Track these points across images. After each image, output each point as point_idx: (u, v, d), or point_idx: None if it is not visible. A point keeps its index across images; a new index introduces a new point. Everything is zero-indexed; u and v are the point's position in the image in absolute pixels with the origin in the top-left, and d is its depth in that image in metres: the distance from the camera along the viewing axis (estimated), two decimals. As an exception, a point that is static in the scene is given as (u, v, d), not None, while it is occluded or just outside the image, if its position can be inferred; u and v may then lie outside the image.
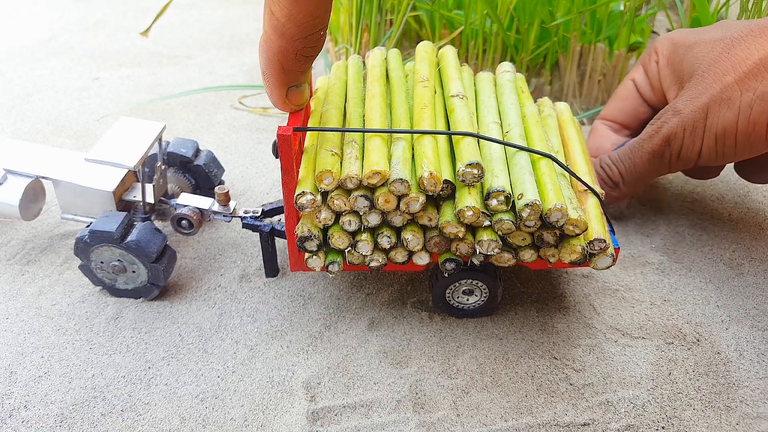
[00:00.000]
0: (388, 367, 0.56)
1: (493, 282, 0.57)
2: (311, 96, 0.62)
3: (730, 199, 0.77)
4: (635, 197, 0.77)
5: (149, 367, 0.56)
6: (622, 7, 0.94)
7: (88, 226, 0.60)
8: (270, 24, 0.31)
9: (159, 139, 0.62)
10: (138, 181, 0.66)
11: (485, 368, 0.56)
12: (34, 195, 0.64)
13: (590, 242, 0.51)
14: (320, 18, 0.31)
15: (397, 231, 0.53)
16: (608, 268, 0.53)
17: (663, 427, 0.51)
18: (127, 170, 0.63)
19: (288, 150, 0.49)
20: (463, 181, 0.49)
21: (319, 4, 0.30)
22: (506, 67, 0.66)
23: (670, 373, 0.56)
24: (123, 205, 0.64)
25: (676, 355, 0.57)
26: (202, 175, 0.69)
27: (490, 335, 0.59)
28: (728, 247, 0.70)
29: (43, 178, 0.63)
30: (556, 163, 0.53)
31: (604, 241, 0.51)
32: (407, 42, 1.10)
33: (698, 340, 0.59)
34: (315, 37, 0.32)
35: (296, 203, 0.49)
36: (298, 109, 0.51)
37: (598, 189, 0.55)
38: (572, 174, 0.54)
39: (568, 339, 0.59)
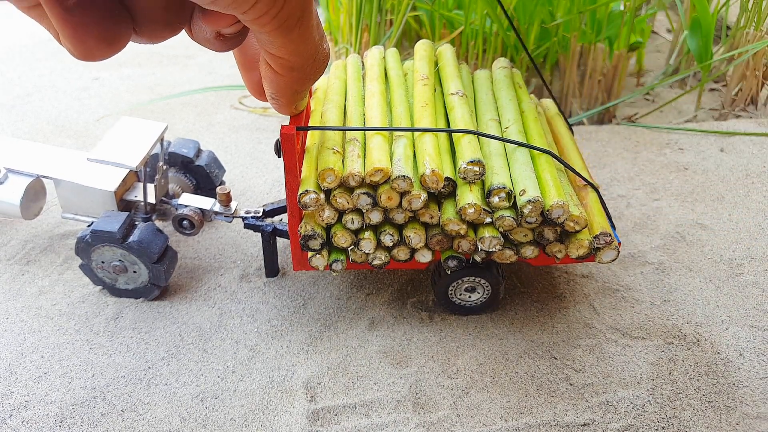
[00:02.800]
0: (388, 367, 0.56)
1: (495, 279, 0.57)
2: (311, 96, 0.62)
3: (730, 199, 0.77)
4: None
5: (149, 367, 0.56)
6: (622, 7, 0.95)
7: (89, 225, 0.60)
8: (275, 63, 0.30)
9: (161, 140, 0.62)
10: (139, 180, 0.66)
11: (485, 368, 0.56)
12: (35, 194, 0.64)
13: (596, 237, 0.51)
14: (318, 33, 0.30)
15: (399, 229, 0.53)
16: (612, 261, 0.53)
17: (663, 427, 0.51)
18: (128, 170, 0.63)
19: (291, 149, 0.49)
20: (464, 178, 0.49)
21: (311, 21, 0.28)
22: (502, 63, 0.66)
23: (670, 373, 0.56)
24: (124, 205, 0.64)
25: (676, 355, 0.57)
26: (203, 175, 0.69)
27: (490, 335, 0.59)
28: (728, 247, 0.70)
29: (44, 177, 0.63)
30: (556, 159, 0.53)
31: (609, 235, 0.51)
32: (407, 42, 1.10)
33: (698, 340, 0.59)
34: (321, 55, 0.31)
35: (300, 202, 0.49)
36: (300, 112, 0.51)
37: (596, 184, 0.56)
38: (572, 170, 0.54)
39: (568, 339, 0.59)
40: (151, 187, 0.64)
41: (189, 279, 0.65)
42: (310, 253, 0.54)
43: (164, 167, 0.65)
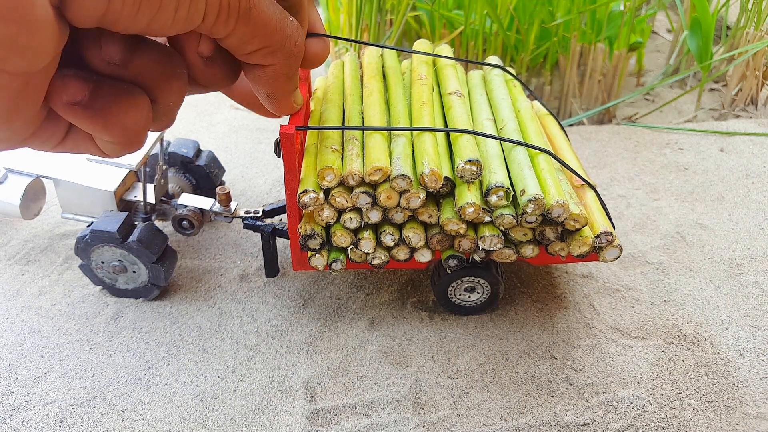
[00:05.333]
0: (388, 367, 0.56)
1: (495, 279, 0.57)
2: (311, 96, 0.62)
3: (730, 199, 0.77)
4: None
5: (149, 367, 0.56)
6: (622, 7, 0.95)
7: (88, 225, 0.60)
8: (257, 58, 0.30)
9: (160, 139, 0.62)
10: (139, 181, 0.66)
11: (485, 368, 0.56)
12: (34, 194, 0.64)
13: (597, 235, 0.51)
14: (277, 8, 0.29)
15: (399, 228, 0.53)
16: (616, 259, 0.53)
17: (663, 427, 0.51)
18: (128, 170, 0.63)
19: (291, 148, 0.49)
20: (462, 177, 0.49)
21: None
22: (493, 61, 0.66)
23: (670, 373, 0.56)
24: (124, 205, 0.64)
25: (676, 355, 0.57)
26: (202, 175, 0.69)
27: (490, 335, 0.59)
28: (728, 247, 0.70)
29: (43, 177, 0.63)
30: (553, 158, 0.53)
31: (611, 233, 0.51)
32: (407, 42, 1.10)
33: (698, 340, 0.59)
34: (293, 27, 0.31)
35: (299, 201, 0.49)
36: (300, 107, 0.51)
37: (593, 183, 0.56)
38: (570, 169, 0.54)
39: (568, 339, 0.59)
40: (150, 187, 0.64)
41: (189, 279, 0.65)
42: (309, 253, 0.54)
43: (164, 167, 0.65)
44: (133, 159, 0.58)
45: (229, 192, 0.63)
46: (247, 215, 0.63)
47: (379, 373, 0.55)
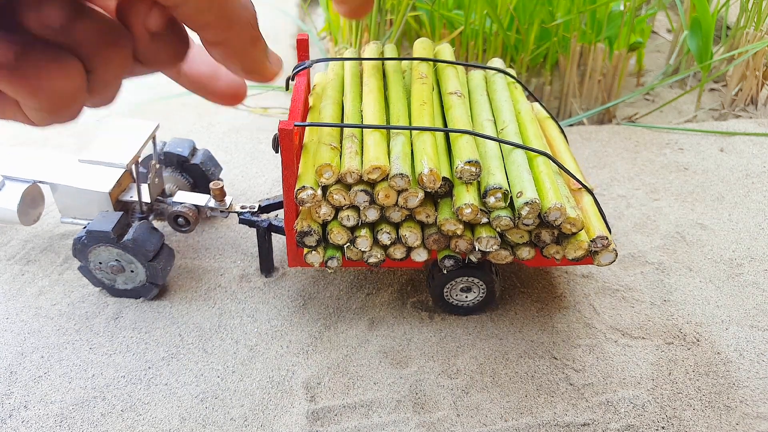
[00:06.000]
0: (388, 367, 0.56)
1: (490, 277, 0.57)
2: (310, 92, 0.62)
3: (730, 199, 0.77)
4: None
5: (149, 367, 0.56)
6: (622, 7, 0.95)
7: (85, 227, 0.60)
8: (215, 27, 0.28)
9: (153, 138, 0.62)
10: (134, 181, 0.66)
11: (485, 368, 0.56)
12: (32, 200, 0.64)
13: (593, 240, 0.51)
14: None
15: (396, 227, 0.53)
16: (611, 263, 0.53)
17: (663, 427, 0.51)
18: (122, 170, 0.63)
19: (289, 144, 0.49)
20: (461, 178, 0.49)
21: None
22: (497, 63, 0.66)
23: (670, 373, 0.56)
24: (120, 206, 0.64)
25: (676, 355, 0.57)
26: (199, 173, 0.69)
27: (490, 335, 0.59)
28: (728, 247, 0.69)
29: (40, 182, 0.63)
30: (552, 161, 0.53)
31: (606, 238, 0.51)
32: (407, 41, 1.10)
33: (698, 340, 0.59)
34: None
35: (297, 198, 0.49)
36: (280, 70, 0.48)
37: (590, 186, 0.56)
38: (568, 172, 0.54)
39: (568, 339, 0.59)
40: (145, 186, 0.64)
41: (189, 279, 0.65)
42: (305, 250, 0.54)
43: (157, 166, 0.64)
44: (124, 158, 0.58)
45: (222, 186, 0.63)
46: (243, 210, 0.63)
47: (379, 373, 0.55)
